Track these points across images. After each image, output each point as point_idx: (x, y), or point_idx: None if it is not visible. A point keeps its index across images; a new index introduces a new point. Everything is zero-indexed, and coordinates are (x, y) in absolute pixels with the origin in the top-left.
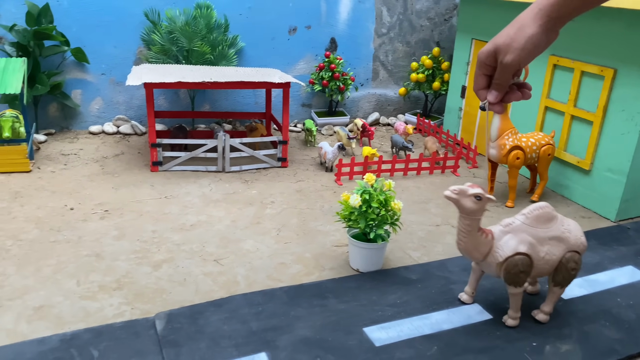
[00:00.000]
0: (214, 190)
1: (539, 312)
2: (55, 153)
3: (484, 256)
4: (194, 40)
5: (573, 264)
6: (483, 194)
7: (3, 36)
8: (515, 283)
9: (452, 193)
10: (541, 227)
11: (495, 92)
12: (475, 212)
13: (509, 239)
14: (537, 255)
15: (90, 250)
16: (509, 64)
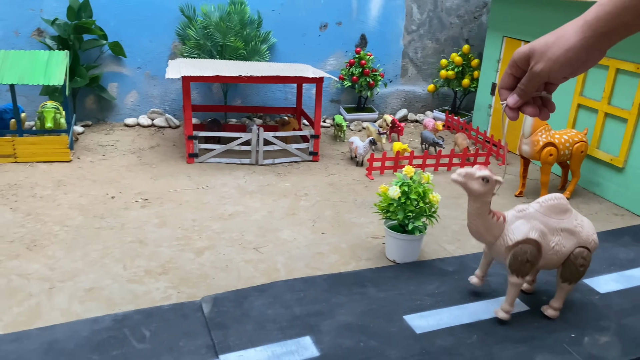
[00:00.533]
0: (248, 182)
1: (548, 307)
2: (93, 144)
3: (496, 238)
4: (228, 36)
5: (582, 259)
6: (490, 175)
7: (44, 30)
8: (518, 272)
9: (459, 176)
10: (554, 217)
11: (516, 97)
12: (483, 194)
13: (520, 224)
14: (547, 244)
15: (134, 237)
16: (537, 72)
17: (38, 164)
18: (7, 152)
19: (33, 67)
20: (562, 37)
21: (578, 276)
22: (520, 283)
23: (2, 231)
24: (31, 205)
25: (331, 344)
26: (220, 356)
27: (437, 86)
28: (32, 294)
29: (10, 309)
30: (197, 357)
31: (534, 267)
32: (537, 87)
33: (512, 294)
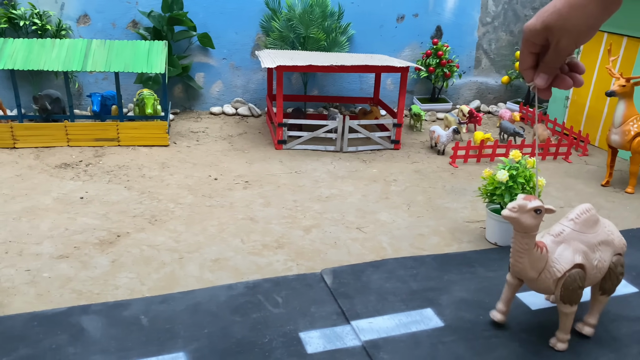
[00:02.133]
0: (337, 167)
1: (584, 325)
2: (185, 130)
3: (539, 273)
4: (310, 28)
5: (620, 267)
6: (542, 206)
7: (139, 22)
8: (571, 301)
9: (511, 212)
10: (590, 232)
11: (544, 76)
12: (534, 227)
13: (562, 250)
14: (590, 263)
15: (244, 215)
16: (565, 47)
17: (139, 147)
18: (111, 136)
19: (136, 56)
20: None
21: (616, 285)
22: (574, 311)
23: (123, 207)
24: (143, 185)
25: (453, 316)
26: (352, 322)
27: (511, 78)
28: (165, 262)
29: (150, 275)
30: (329, 322)
31: (584, 290)
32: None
33: (567, 323)
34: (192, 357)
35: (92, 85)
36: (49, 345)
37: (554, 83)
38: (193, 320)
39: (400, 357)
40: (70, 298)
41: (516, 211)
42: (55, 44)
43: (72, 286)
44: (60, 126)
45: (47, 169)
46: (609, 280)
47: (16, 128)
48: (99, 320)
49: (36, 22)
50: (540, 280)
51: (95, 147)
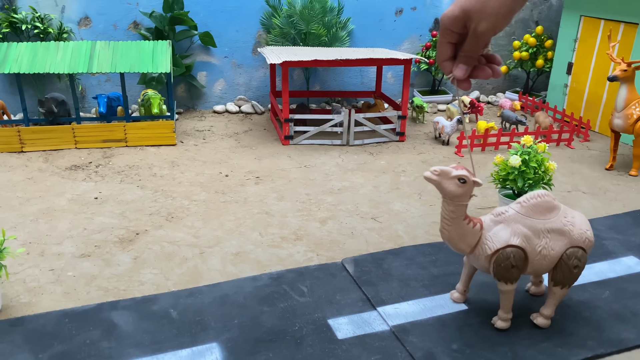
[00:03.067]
0: (345, 160)
1: (538, 315)
2: (190, 129)
3: (471, 248)
4: (311, 24)
5: (575, 260)
6: (468, 176)
7: (140, 22)
8: (506, 279)
9: (432, 174)
10: (539, 217)
11: (463, 66)
12: (459, 196)
13: (499, 230)
14: (532, 249)
15: (260, 209)
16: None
17: (147, 147)
18: (119, 136)
19: (141, 56)
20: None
21: (572, 279)
22: (511, 289)
23: (138, 205)
24: (155, 183)
25: (476, 299)
26: (378, 308)
27: (510, 67)
28: (187, 257)
29: (173, 271)
30: (356, 309)
31: (522, 271)
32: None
33: (506, 302)
34: (225, 347)
35: (95, 88)
36: (83, 340)
37: (473, 74)
38: (222, 312)
39: (429, 340)
40: (97, 295)
41: (437, 174)
42: (59, 46)
43: (98, 284)
44: (68, 129)
45: (58, 172)
46: (560, 271)
47: (23, 132)
48: (129, 315)
49: (38, 26)
50: (474, 255)
51: (103, 149)
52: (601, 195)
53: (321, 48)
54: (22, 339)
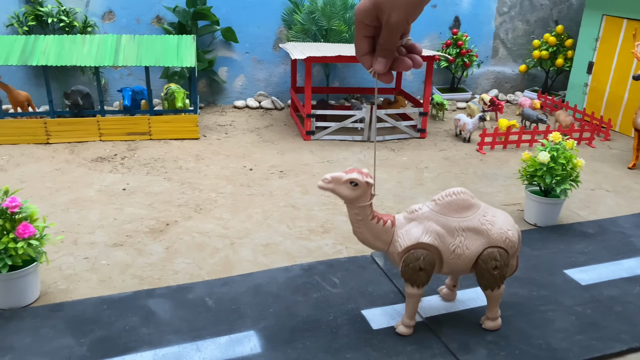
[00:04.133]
0: (367, 156)
1: (486, 319)
2: (212, 124)
3: (387, 245)
4: (332, 20)
5: (493, 262)
6: (358, 178)
7: (163, 17)
8: (412, 281)
9: (324, 183)
10: (454, 215)
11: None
12: (357, 199)
13: (412, 227)
14: (446, 247)
15: (286, 202)
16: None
17: (171, 140)
18: (143, 129)
19: (165, 50)
20: None
21: (495, 281)
22: (418, 294)
23: (166, 197)
24: (181, 176)
25: (506, 292)
26: None
27: (529, 67)
28: (218, 248)
29: (205, 260)
30: (388, 300)
31: (430, 274)
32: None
33: (410, 306)
34: (262, 335)
35: (118, 81)
36: (122, 326)
37: (394, 66)
38: (257, 301)
39: (463, 331)
40: (132, 283)
41: (329, 182)
42: (85, 40)
43: (132, 272)
44: (93, 121)
45: (85, 163)
46: (482, 276)
47: (49, 124)
48: (165, 303)
49: (63, 19)
50: (389, 253)
51: (128, 141)
52: (625, 194)
53: (342, 44)
54: (64, 324)
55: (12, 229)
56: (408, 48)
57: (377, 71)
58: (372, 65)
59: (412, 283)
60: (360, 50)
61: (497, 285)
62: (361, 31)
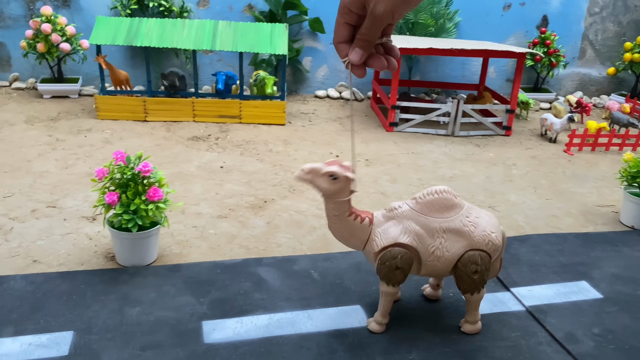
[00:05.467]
0: (452, 150)
1: (464, 322)
2: (295, 111)
3: (363, 244)
4: (419, 13)
5: (473, 265)
6: (338, 172)
7: (254, 5)
8: (388, 279)
9: (303, 174)
10: (435, 215)
11: (359, 51)
12: (335, 193)
13: (390, 226)
14: (424, 249)
15: (375, 189)
16: (380, 14)
17: (259, 125)
18: (234, 113)
19: (259, 38)
20: None
21: (475, 286)
22: (392, 292)
23: (261, 176)
24: (273, 158)
25: (609, 290)
26: (512, 289)
27: (618, 69)
28: (315, 227)
29: (305, 237)
30: (488, 288)
31: (406, 273)
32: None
33: (384, 304)
34: (368, 310)
35: (207, 66)
36: (237, 290)
37: (368, 62)
38: (359, 278)
39: (568, 322)
40: (240, 252)
41: (307, 173)
42: (185, 24)
43: (239, 242)
44: (188, 102)
45: (182, 141)
46: (461, 280)
47: (148, 102)
48: (274, 272)
49: (163, 4)
50: (365, 252)
51: (219, 123)
52: None
53: (429, 38)
54: (183, 284)
55: (143, 191)
56: (386, 49)
57: (352, 62)
58: (347, 54)
59: (387, 281)
60: (338, 36)
61: (477, 289)
62: (344, 16)
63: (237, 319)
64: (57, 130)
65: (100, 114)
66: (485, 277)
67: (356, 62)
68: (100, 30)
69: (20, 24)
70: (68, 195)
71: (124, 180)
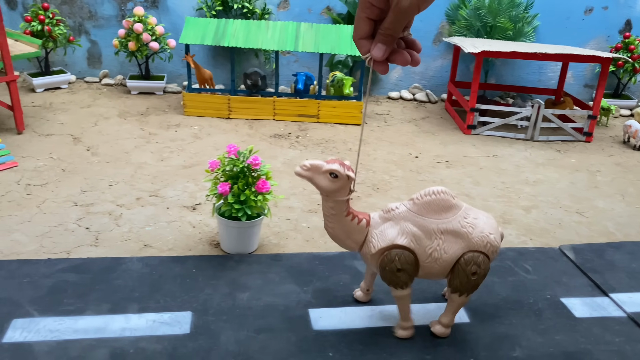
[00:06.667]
0: (533, 155)
1: (437, 323)
2: (369, 112)
3: (359, 245)
4: (498, 17)
5: (474, 267)
6: (339, 170)
7: (332, 7)
8: (394, 283)
9: (302, 169)
10: (432, 217)
11: (382, 46)
12: (334, 192)
13: (387, 228)
14: (422, 250)
15: (458, 191)
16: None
17: (336, 125)
18: (312, 112)
19: (340, 39)
20: None
21: (470, 287)
22: (406, 294)
23: None
24: (353, 157)
25: None
26: (611, 294)
27: None
28: None
29: None
30: (586, 292)
31: (410, 273)
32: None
33: (402, 308)
34: (467, 307)
35: (285, 67)
36: (337, 281)
37: (391, 58)
38: None
39: None
40: (333, 245)
41: (307, 169)
42: (269, 25)
43: None
44: (269, 101)
45: (265, 138)
46: (457, 278)
47: (232, 100)
48: None
49: (246, 6)
50: (362, 254)
51: (298, 122)
52: None
53: (508, 42)
54: (285, 272)
55: (252, 183)
56: (408, 43)
57: (375, 58)
58: (369, 50)
59: (394, 285)
60: (359, 32)
61: (469, 291)
62: (365, 11)
63: (341, 309)
64: (149, 124)
65: (187, 110)
66: (481, 281)
67: (379, 59)
68: (189, 31)
69: (112, 23)
70: (168, 186)
71: (235, 172)
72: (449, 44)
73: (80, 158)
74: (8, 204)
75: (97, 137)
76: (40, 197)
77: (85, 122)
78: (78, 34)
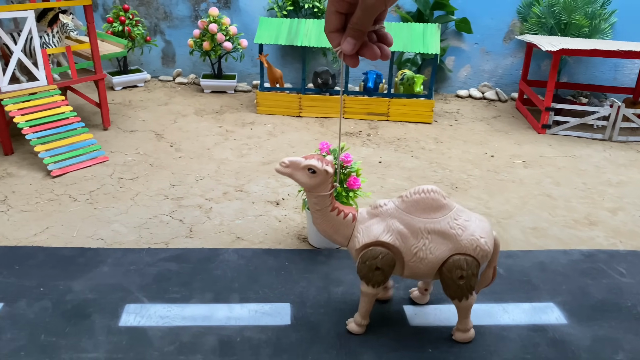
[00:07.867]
0: (613, 155)
1: (456, 330)
2: (439, 110)
3: (347, 240)
4: (574, 14)
5: (459, 270)
6: (317, 165)
7: (401, 6)
8: (367, 279)
9: (281, 167)
10: (420, 215)
11: (352, 40)
12: (315, 187)
13: (373, 224)
14: (407, 249)
15: (539, 191)
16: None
17: (406, 123)
18: (382, 111)
19: (412, 37)
20: None
21: (461, 292)
22: (373, 293)
23: (420, 173)
24: (428, 156)
25: None
26: None
27: None
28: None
29: None
30: None
31: (387, 275)
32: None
33: (364, 305)
34: (562, 308)
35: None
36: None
37: (361, 51)
38: (546, 276)
39: None
40: None
41: (286, 166)
42: None
43: None
44: (339, 99)
45: (336, 136)
46: (446, 285)
47: (303, 99)
48: None
49: (317, 5)
50: (349, 248)
51: (367, 120)
52: None
53: (585, 39)
54: None
55: (344, 179)
56: (379, 36)
57: (344, 52)
58: (339, 44)
59: (367, 281)
60: (329, 25)
61: (465, 295)
62: (334, 5)
63: (434, 307)
64: (225, 122)
65: (260, 108)
66: (473, 283)
67: (349, 52)
68: (263, 31)
69: (186, 23)
70: (251, 181)
71: None
72: (519, 41)
73: (166, 153)
74: (104, 196)
75: (178, 134)
76: (133, 190)
77: (164, 119)
78: (153, 34)
